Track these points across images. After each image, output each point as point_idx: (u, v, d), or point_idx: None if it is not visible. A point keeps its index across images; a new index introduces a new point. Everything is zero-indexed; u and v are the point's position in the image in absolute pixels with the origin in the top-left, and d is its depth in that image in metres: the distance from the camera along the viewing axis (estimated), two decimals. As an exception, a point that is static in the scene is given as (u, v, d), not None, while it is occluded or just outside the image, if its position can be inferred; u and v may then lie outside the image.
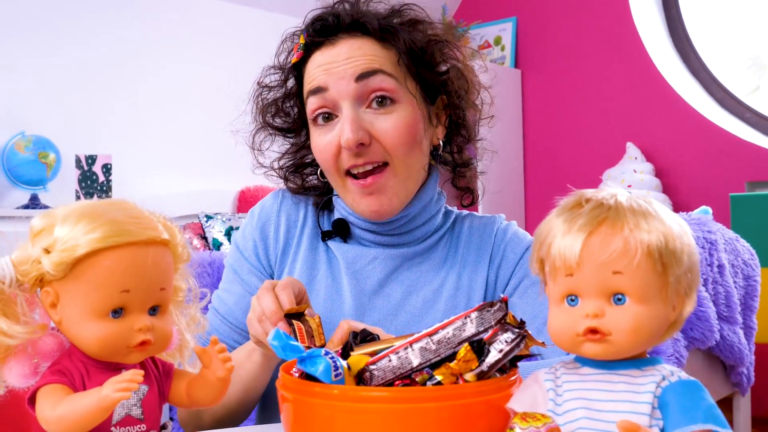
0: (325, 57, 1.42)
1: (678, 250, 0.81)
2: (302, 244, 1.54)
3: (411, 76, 1.44)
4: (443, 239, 1.54)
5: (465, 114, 1.54)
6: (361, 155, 1.38)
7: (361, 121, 1.38)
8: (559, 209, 0.86)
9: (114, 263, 0.83)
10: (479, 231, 1.55)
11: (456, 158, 1.58)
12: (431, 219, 1.52)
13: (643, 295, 0.80)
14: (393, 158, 1.40)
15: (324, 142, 1.42)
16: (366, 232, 1.50)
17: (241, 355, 1.39)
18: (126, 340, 0.85)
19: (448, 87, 1.48)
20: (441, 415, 0.85)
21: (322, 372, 0.86)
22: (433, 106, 1.50)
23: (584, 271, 0.81)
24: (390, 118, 1.39)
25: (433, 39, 1.47)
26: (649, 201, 0.85)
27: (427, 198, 1.50)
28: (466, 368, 0.86)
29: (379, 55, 1.41)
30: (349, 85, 1.38)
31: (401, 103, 1.41)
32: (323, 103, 1.40)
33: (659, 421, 0.78)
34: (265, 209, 1.57)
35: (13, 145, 3.85)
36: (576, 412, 0.81)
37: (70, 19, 4.24)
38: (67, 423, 0.80)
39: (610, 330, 0.80)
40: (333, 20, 1.43)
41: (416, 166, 1.44)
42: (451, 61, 1.49)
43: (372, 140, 1.39)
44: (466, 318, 0.91)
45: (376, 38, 1.42)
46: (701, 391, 0.79)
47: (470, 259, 1.52)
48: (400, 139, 1.39)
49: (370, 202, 1.41)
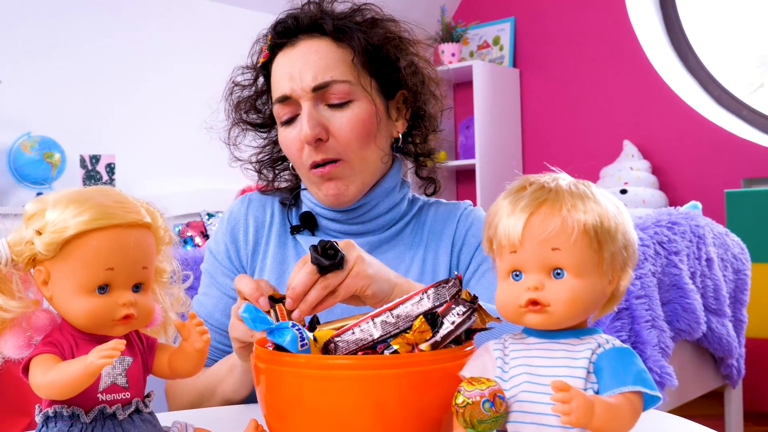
0: (285, 59, 1.51)
1: (612, 228, 0.89)
2: (271, 242, 1.61)
3: (367, 73, 1.52)
4: (409, 226, 1.61)
5: (425, 106, 1.61)
6: (319, 150, 1.47)
7: (319, 118, 1.48)
8: (506, 192, 0.94)
9: (100, 243, 0.91)
10: (443, 216, 1.61)
11: (418, 149, 1.65)
12: (395, 207, 1.59)
13: (579, 269, 0.88)
14: (348, 153, 1.48)
15: (289, 138, 1.51)
16: (331, 222, 1.58)
17: (223, 369, 1.45)
18: (111, 314, 0.92)
19: (405, 82, 1.56)
20: (399, 381, 0.92)
21: (289, 342, 0.94)
22: (392, 101, 1.57)
23: (526, 248, 0.89)
24: (345, 115, 1.48)
25: (388, 36, 1.54)
26: (587, 185, 0.93)
27: (388, 186, 1.57)
28: (421, 338, 0.94)
29: (333, 59, 1.49)
30: (307, 91, 1.47)
31: (357, 101, 1.49)
32: (288, 109, 1.50)
33: (594, 384, 0.86)
34: (233, 214, 1.66)
35: (20, 145, 3.93)
36: (520, 377, 0.88)
37: (75, 21, 4.31)
38: (56, 387, 0.88)
39: (548, 301, 0.87)
40: (292, 23, 1.52)
41: (372, 158, 1.52)
42: (408, 57, 1.57)
43: (329, 136, 1.48)
44: (424, 293, 0.99)
45: (333, 38, 1.51)
46: (632, 357, 0.86)
47: (434, 244, 1.58)
48: (353, 134, 1.48)
49: (329, 187, 1.50)
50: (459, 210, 1.63)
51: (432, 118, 1.64)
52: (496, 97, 5.31)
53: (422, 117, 1.62)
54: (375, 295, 1.24)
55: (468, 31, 5.54)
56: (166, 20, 4.68)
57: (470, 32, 5.60)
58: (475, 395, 0.84)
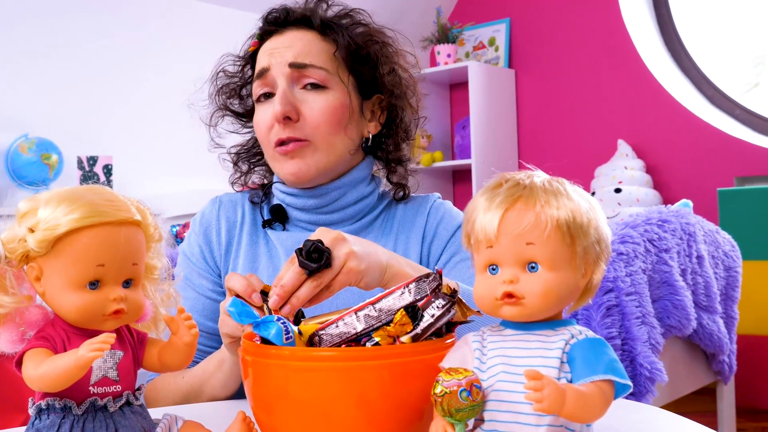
0: (271, 44, 1.57)
1: (585, 223, 0.92)
2: (243, 240, 1.64)
3: (346, 69, 1.57)
4: (379, 218, 1.64)
5: (401, 114, 1.64)
6: (287, 128, 1.51)
7: (293, 98, 1.52)
8: (483, 189, 0.97)
9: (90, 240, 0.93)
10: (413, 209, 1.65)
11: (390, 155, 1.68)
12: (364, 198, 1.62)
13: (553, 263, 0.91)
14: (315, 136, 1.53)
15: (261, 116, 1.56)
16: (301, 212, 1.61)
17: (210, 366, 1.47)
18: (102, 309, 0.94)
19: (384, 86, 1.60)
20: (381, 372, 0.95)
21: (274, 335, 0.97)
22: (368, 101, 1.62)
23: (502, 242, 0.92)
24: (319, 99, 1.53)
25: (373, 39, 1.60)
26: (561, 182, 0.96)
27: (357, 177, 1.61)
28: (402, 331, 0.97)
29: (316, 48, 1.55)
30: (284, 67, 1.52)
31: (332, 90, 1.54)
32: (264, 83, 1.55)
33: (568, 374, 0.89)
34: (205, 216, 1.69)
35: (17, 146, 3.95)
36: (496, 367, 0.91)
37: (72, 22, 4.33)
38: (48, 380, 0.90)
39: (523, 294, 0.90)
40: (282, 14, 1.59)
41: (339, 147, 1.56)
42: (390, 64, 1.61)
43: (300, 117, 1.52)
44: (406, 288, 1.02)
45: (319, 32, 1.56)
46: (604, 347, 0.89)
47: (404, 236, 1.61)
48: (323, 118, 1.52)
49: (291, 165, 1.53)
50: (428, 203, 1.66)
51: (407, 127, 1.67)
52: (491, 97, 5.34)
53: (397, 124, 1.66)
54: (368, 285, 1.25)
55: (464, 32, 5.57)
56: (164, 22, 4.69)
57: (466, 33, 5.63)
58: (452, 385, 0.87)
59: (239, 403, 1.40)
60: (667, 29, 5.07)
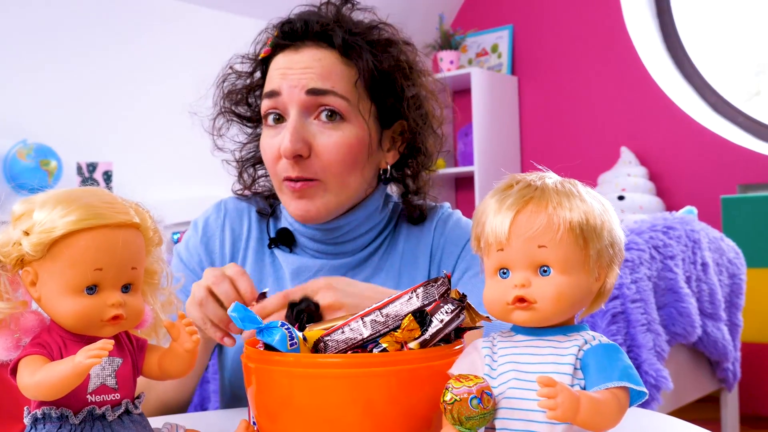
0: (285, 61, 1.42)
1: (598, 226, 0.89)
2: (248, 256, 1.56)
3: (367, 98, 1.43)
4: (386, 240, 1.54)
5: (424, 142, 1.52)
6: (296, 167, 1.38)
7: (305, 132, 1.38)
8: (493, 191, 0.94)
9: (88, 243, 0.90)
10: (417, 237, 1.54)
11: (409, 184, 1.56)
12: (374, 227, 1.52)
13: (565, 266, 0.88)
14: (327, 176, 1.40)
15: (268, 143, 1.43)
16: (309, 241, 1.51)
17: None
18: (100, 315, 0.91)
19: (407, 114, 1.47)
20: (389, 379, 0.92)
21: (278, 341, 0.94)
22: (388, 130, 1.49)
23: (513, 245, 0.89)
24: (333, 135, 1.39)
25: (398, 64, 1.46)
26: (573, 183, 0.93)
27: (371, 208, 1.50)
28: (410, 337, 0.94)
29: (336, 72, 1.40)
30: (299, 94, 1.38)
31: (349, 123, 1.40)
32: (275, 105, 1.41)
33: (581, 381, 0.86)
34: (209, 225, 1.59)
35: (15, 152, 3.91)
36: (508, 374, 0.88)
37: (71, 28, 4.30)
38: (44, 388, 0.87)
39: (535, 298, 0.88)
40: (301, 27, 1.43)
41: (352, 185, 1.43)
42: (414, 88, 1.48)
43: (311, 153, 1.39)
44: (413, 292, 0.99)
45: (340, 53, 1.41)
46: (618, 353, 0.87)
47: (409, 255, 1.52)
48: (338, 157, 1.39)
49: (298, 205, 1.42)
50: (436, 216, 1.57)
51: (428, 155, 1.54)
52: (494, 104, 5.31)
53: (417, 152, 1.53)
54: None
55: (466, 38, 5.55)
56: (164, 28, 4.67)
57: (469, 40, 5.61)
58: (462, 392, 0.84)
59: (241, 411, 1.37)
60: (670, 36, 5.05)
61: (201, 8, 4.82)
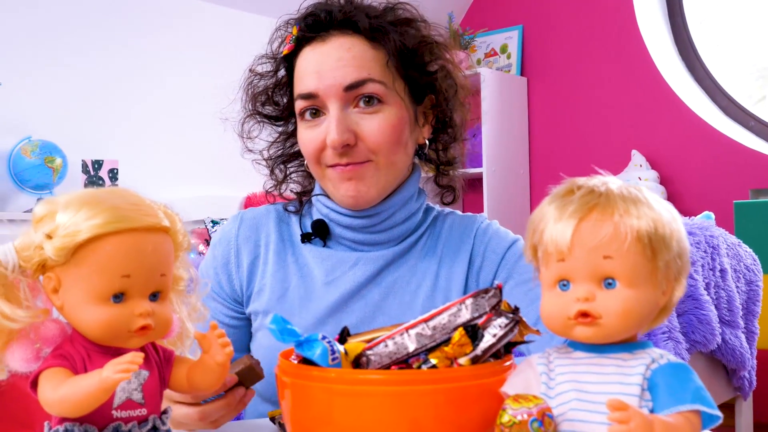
0: (315, 55, 1.43)
1: (667, 235, 0.83)
2: (269, 263, 1.54)
3: (399, 77, 1.45)
4: (423, 237, 1.54)
5: (452, 114, 1.54)
6: (345, 155, 1.41)
7: (348, 122, 1.41)
8: (551, 197, 0.88)
9: (115, 248, 0.84)
10: (459, 229, 1.55)
11: (441, 156, 1.59)
12: (411, 216, 1.52)
13: (633, 279, 0.82)
14: (377, 156, 1.42)
15: (309, 137, 1.44)
16: (347, 230, 1.50)
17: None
18: (127, 325, 0.86)
19: (436, 87, 1.49)
20: (436, 398, 0.86)
21: (319, 356, 0.88)
22: (420, 106, 1.51)
23: (575, 256, 0.82)
24: (376, 118, 1.41)
25: (423, 40, 1.48)
26: (639, 188, 0.87)
27: (407, 194, 1.50)
28: (461, 352, 0.88)
29: (368, 58, 1.42)
30: (338, 91, 1.40)
31: (388, 105, 1.42)
32: (312, 104, 1.43)
33: (649, 403, 0.80)
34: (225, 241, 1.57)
35: (20, 149, 3.86)
36: (568, 394, 0.82)
37: (77, 24, 4.26)
38: (68, 404, 0.82)
39: (600, 313, 0.81)
40: (325, 16, 1.44)
41: (399, 164, 1.46)
42: (440, 61, 1.50)
43: (357, 140, 1.41)
44: (462, 304, 0.92)
45: (367, 37, 1.43)
46: (689, 373, 0.80)
47: (448, 258, 1.51)
48: (384, 139, 1.41)
49: (349, 187, 1.43)
50: (475, 224, 1.56)
51: (458, 126, 1.56)
52: (503, 105, 5.25)
53: (448, 124, 1.56)
54: None
55: (476, 38, 5.48)
56: (171, 24, 4.62)
57: (478, 40, 5.54)
58: (522, 413, 0.78)
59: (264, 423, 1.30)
60: (681, 38, 4.99)
61: (208, 5, 4.77)
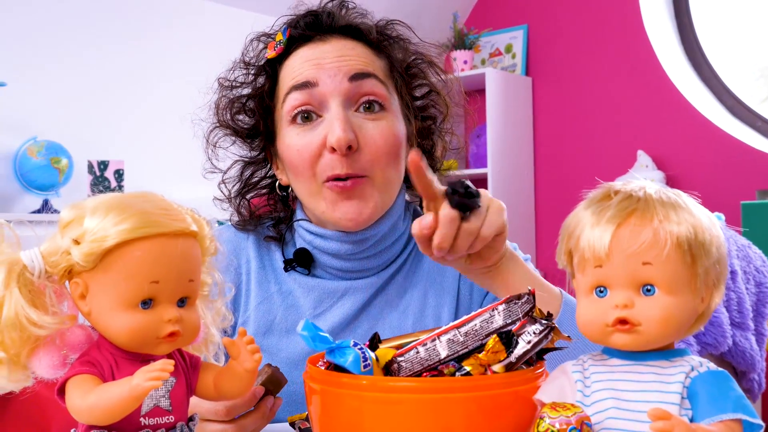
0: (313, 52, 1.35)
1: (707, 241, 0.82)
2: (251, 293, 1.45)
3: (396, 92, 1.39)
4: (409, 258, 1.45)
5: (434, 144, 1.47)
6: (346, 162, 1.30)
7: (351, 123, 1.31)
8: (587, 201, 0.86)
9: (144, 254, 0.83)
10: None
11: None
12: (398, 240, 1.43)
13: (672, 286, 0.80)
14: (374, 170, 1.32)
15: (303, 142, 1.33)
16: (332, 258, 1.40)
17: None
18: (155, 331, 0.84)
19: (424, 112, 1.44)
20: (469, 405, 0.85)
21: (351, 363, 0.87)
22: (410, 126, 1.42)
23: (613, 262, 0.81)
24: (378, 125, 1.32)
25: (418, 57, 1.42)
26: (678, 193, 0.86)
27: (395, 216, 1.41)
28: (495, 359, 0.87)
29: (372, 59, 1.35)
30: (342, 82, 1.31)
31: (389, 112, 1.35)
32: (308, 99, 1.33)
33: (688, 411, 0.79)
34: None
35: (26, 150, 3.85)
36: (605, 402, 0.81)
37: (82, 24, 4.24)
38: (98, 412, 0.80)
39: (639, 321, 0.80)
40: (327, 18, 1.37)
41: (394, 181, 1.37)
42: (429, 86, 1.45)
43: (359, 146, 1.30)
44: (494, 310, 0.91)
45: (370, 46, 1.37)
46: (730, 382, 0.79)
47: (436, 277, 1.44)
48: (386, 147, 1.32)
49: (348, 208, 1.32)
50: None
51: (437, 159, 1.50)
52: (508, 105, 5.24)
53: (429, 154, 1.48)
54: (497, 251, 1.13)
55: (480, 38, 5.47)
56: (176, 24, 4.61)
57: (482, 39, 5.53)
58: (560, 422, 0.77)
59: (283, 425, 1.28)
60: (687, 38, 4.98)
61: (212, 4, 4.76)
